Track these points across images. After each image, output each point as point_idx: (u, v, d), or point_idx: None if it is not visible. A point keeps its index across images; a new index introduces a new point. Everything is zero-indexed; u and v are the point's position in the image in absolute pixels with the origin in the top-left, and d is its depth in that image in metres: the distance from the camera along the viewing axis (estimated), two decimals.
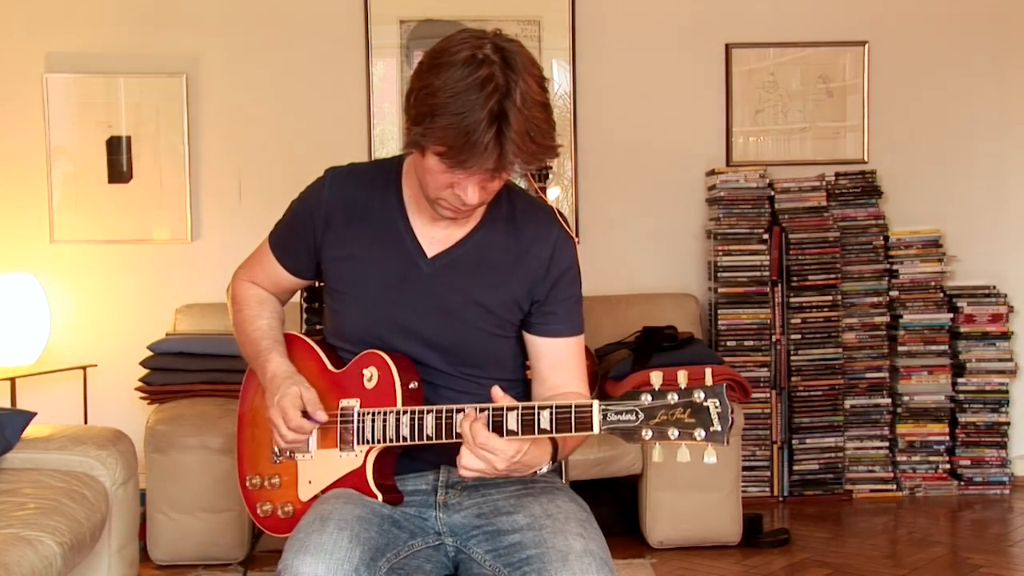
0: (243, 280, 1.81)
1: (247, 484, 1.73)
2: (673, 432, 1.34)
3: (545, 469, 1.53)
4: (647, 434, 1.35)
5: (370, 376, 1.59)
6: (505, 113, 1.38)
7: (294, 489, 1.65)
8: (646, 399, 1.36)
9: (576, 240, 1.69)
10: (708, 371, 1.36)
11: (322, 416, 1.59)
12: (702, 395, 1.33)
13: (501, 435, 1.43)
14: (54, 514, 1.98)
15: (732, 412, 1.33)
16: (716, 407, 1.32)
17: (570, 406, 1.40)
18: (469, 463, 1.44)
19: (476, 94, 1.37)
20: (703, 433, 1.33)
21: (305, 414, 1.59)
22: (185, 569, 3.08)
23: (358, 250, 1.64)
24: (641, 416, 1.36)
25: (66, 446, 2.27)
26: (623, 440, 1.38)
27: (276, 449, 1.68)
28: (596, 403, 1.38)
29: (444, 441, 1.50)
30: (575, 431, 1.40)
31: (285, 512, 1.66)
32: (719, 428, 1.32)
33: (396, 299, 1.62)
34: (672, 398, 1.35)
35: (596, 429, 1.38)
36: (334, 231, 1.65)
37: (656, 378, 1.37)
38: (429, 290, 1.61)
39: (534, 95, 1.41)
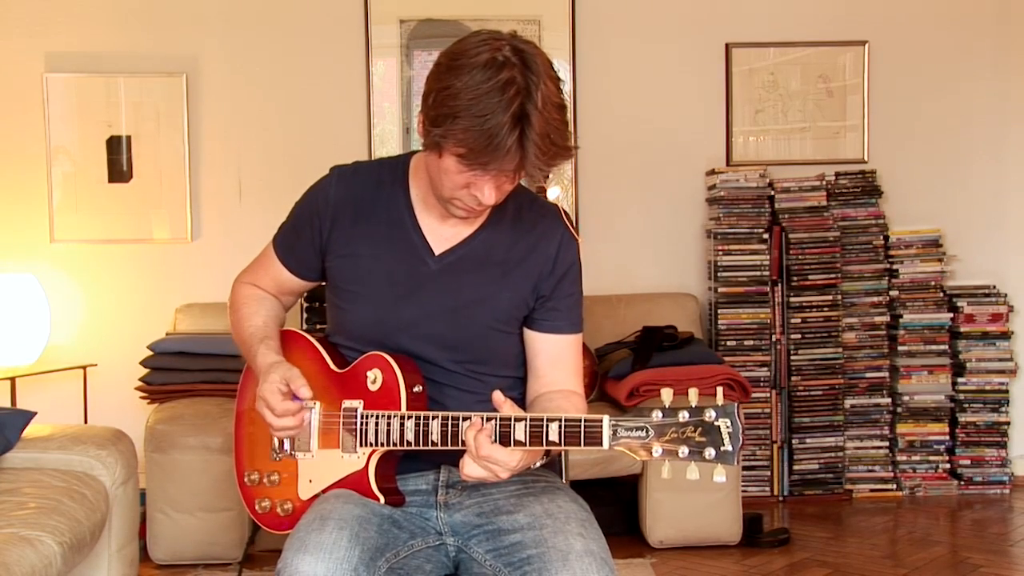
0: (244, 283, 1.81)
1: (245, 480, 1.72)
2: (683, 450, 1.33)
3: (538, 464, 1.53)
4: (656, 451, 1.34)
5: (374, 378, 1.58)
6: (527, 115, 1.39)
7: (294, 487, 1.65)
8: (656, 416, 1.34)
9: (579, 239, 1.70)
10: (720, 390, 1.36)
11: (305, 392, 1.58)
12: (713, 414, 1.32)
13: (508, 444, 1.42)
14: (54, 514, 1.97)
15: (743, 432, 1.32)
16: (727, 427, 1.31)
17: (580, 420, 1.38)
18: (472, 472, 1.44)
19: (498, 97, 1.38)
20: (713, 453, 1.31)
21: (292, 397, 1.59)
22: (185, 568, 3.08)
23: (365, 248, 1.64)
24: (651, 433, 1.34)
25: (66, 446, 2.26)
26: (631, 456, 1.37)
27: (275, 446, 1.67)
28: (606, 418, 1.37)
29: (449, 448, 1.49)
30: (584, 445, 1.39)
31: (284, 510, 1.66)
32: (730, 448, 1.31)
33: (403, 296, 1.62)
34: (683, 416, 1.33)
35: (606, 445, 1.36)
36: (341, 229, 1.65)
37: (666, 394, 1.36)
38: (436, 287, 1.62)
39: (552, 97, 1.43)
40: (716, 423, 1.32)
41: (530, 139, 1.40)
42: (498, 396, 1.45)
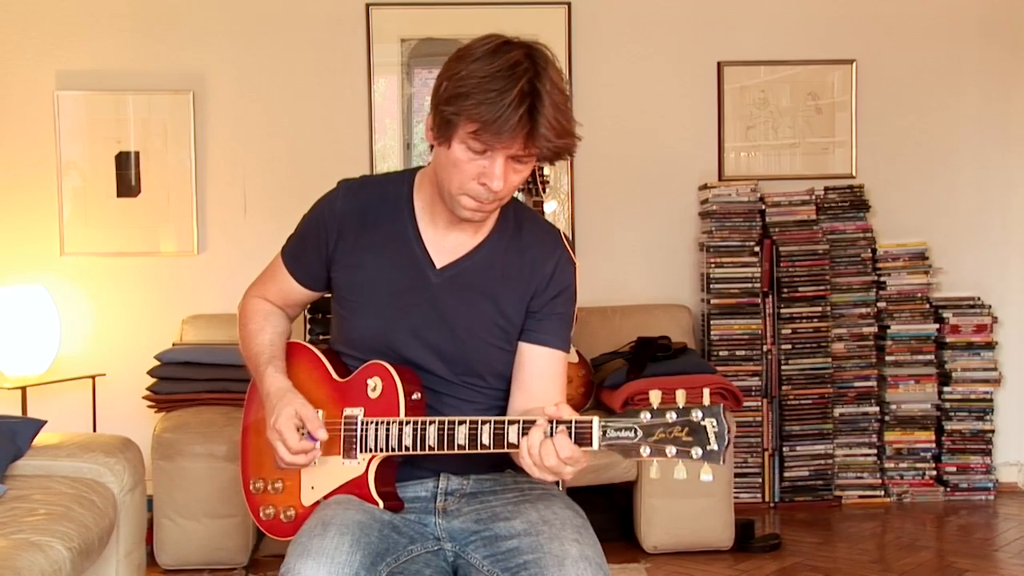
0: (253, 296, 1.84)
1: (250, 488, 1.76)
2: (671, 450, 1.34)
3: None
4: (645, 451, 1.35)
5: (374, 386, 1.61)
6: (537, 91, 1.46)
7: (297, 494, 1.68)
8: (645, 417, 1.36)
9: (577, 264, 1.72)
10: (706, 391, 1.38)
11: (322, 435, 1.59)
12: (700, 414, 1.34)
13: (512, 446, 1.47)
14: (63, 520, 1.99)
15: (729, 431, 1.34)
16: (713, 426, 1.33)
17: (570, 422, 1.41)
18: (539, 475, 1.44)
19: (508, 73, 1.45)
20: (700, 452, 1.33)
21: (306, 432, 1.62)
22: (191, 573, 3.11)
23: (369, 259, 1.66)
24: (640, 433, 1.36)
25: (75, 453, 2.29)
26: (621, 456, 1.39)
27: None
28: (596, 419, 1.39)
29: (445, 451, 1.53)
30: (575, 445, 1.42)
31: (287, 516, 1.69)
32: (716, 447, 1.33)
33: (404, 308, 1.65)
34: (670, 416, 1.35)
35: (595, 445, 1.38)
36: (346, 241, 1.67)
37: (655, 396, 1.38)
38: (437, 300, 1.65)
39: (558, 83, 1.50)
40: (703, 423, 1.34)
41: (540, 111, 1.45)
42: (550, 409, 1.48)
